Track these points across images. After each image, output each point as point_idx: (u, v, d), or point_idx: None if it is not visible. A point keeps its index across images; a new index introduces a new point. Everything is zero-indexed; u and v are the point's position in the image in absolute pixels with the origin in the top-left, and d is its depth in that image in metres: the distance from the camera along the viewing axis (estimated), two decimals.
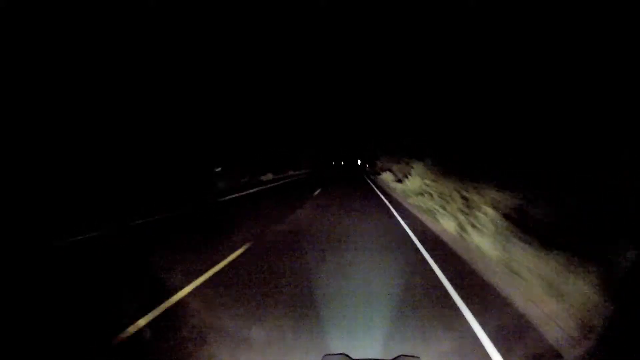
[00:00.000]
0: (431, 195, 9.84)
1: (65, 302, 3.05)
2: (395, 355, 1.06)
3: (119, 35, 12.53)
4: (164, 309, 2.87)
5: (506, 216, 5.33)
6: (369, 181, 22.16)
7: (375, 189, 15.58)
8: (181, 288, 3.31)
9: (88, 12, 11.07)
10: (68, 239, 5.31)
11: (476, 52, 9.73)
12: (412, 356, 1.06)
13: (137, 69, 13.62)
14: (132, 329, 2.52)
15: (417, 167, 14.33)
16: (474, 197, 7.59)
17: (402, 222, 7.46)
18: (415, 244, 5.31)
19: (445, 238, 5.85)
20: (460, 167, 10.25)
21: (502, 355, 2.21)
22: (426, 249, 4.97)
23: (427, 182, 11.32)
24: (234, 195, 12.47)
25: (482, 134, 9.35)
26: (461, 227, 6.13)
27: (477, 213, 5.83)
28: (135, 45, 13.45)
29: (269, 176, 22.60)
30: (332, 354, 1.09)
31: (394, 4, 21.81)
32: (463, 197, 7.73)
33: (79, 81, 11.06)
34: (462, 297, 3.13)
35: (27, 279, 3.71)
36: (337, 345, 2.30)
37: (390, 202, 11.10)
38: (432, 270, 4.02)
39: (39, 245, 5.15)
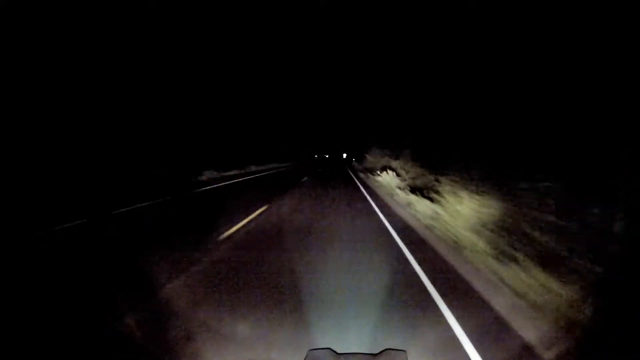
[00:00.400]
0: None
1: None
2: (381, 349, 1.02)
3: (118, 35, 12.04)
4: None
5: None
6: (360, 185, 14.62)
7: (382, 217, 7.91)
8: None
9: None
10: None
11: (476, 50, 9.43)
12: (399, 350, 1.04)
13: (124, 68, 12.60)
14: None
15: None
16: None
17: None
18: None
19: None
20: None
21: None
22: None
23: None
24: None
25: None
26: None
27: None
28: (132, 44, 12.78)
29: (207, 176, 14.67)
30: (317, 349, 1.07)
31: (394, 4, 21.80)
32: None
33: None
34: None
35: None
36: None
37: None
38: None
39: None
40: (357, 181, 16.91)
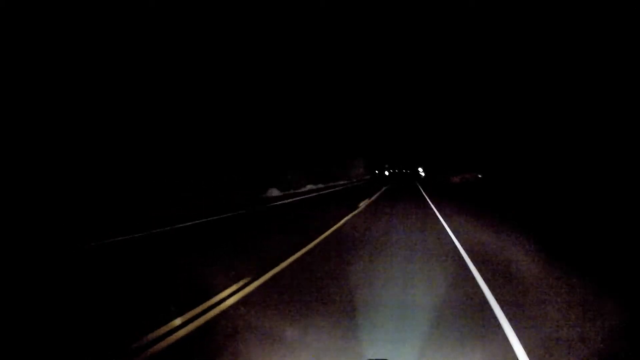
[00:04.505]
0: None
1: None
2: None
3: (118, 35, 11.87)
4: None
5: None
6: None
7: None
8: None
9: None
10: None
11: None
12: None
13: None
14: None
15: None
16: None
17: None
18: None
19: None
20: None
21: None
22: None
23: None
24: None
25: None
26: None
27: None
28: (138, 44, 12.63)
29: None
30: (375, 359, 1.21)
31: (394, 4, 25.23)
32: None
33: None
34: None
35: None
36: None
37: None
38: None
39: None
40: None
